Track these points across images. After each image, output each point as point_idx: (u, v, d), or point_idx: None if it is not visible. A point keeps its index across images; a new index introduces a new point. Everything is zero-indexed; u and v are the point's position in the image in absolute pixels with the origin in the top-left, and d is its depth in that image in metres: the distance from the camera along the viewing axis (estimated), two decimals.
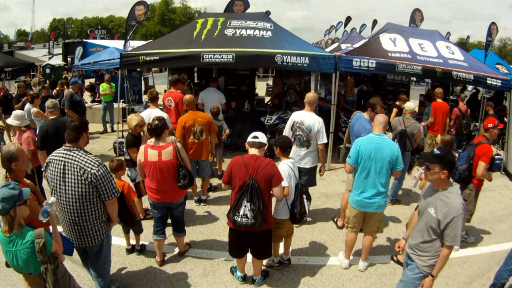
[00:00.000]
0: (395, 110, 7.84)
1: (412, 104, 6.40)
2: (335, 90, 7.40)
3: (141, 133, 5.09)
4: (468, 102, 12.28)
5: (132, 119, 4.95)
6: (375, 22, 20.92)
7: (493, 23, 10.87)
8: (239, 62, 7.21)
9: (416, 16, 10.05)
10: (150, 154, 3.95)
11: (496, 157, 8.72)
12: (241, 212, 3.43)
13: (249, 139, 3.64)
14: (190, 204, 5.86)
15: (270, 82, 18.28)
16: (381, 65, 7.27)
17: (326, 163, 7.75)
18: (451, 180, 2.92)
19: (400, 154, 3.96)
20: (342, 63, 7.19)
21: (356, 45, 8.43)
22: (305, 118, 4.99)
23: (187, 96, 5.73)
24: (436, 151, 2.87)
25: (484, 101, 9.97)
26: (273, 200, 3.78)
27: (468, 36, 25.77)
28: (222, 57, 7.10)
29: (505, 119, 9.18)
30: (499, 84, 7.77)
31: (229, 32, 7.82)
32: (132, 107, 11.32)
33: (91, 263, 3.44)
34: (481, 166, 4.46)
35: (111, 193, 3.12)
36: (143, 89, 15.19)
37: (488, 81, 7.66)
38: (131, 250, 4.53)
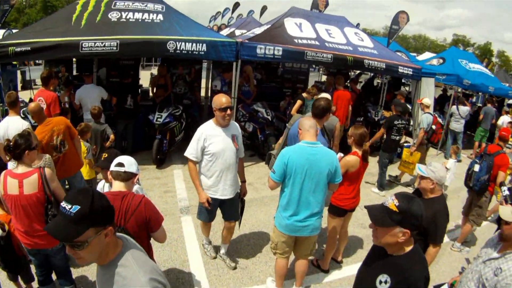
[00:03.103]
0: (299, 102, 7.11)
1: (328, 96, 5.85)
2: (235, 81, 6.59)
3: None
4: (364, 87, 12.47)
5: None
6: (264, 8, 20.09)
7: (403, 12, 10.54)
8: (124, 50, 6.01)
9: (320, 1, 9.55)
10: (9, 184, 2.80)
11: (405, 145, 8.95)
12: None
13: (112, 167, 2.53)
14: None
15: (155, 71, 16.57)
16: (289, 53, 6.64)
17: None
18: None
19: (339, 164, 3.24)
20: (244, 51, 6.37)
21: (258, 31, 7.70)
22: None
23: (32, 105, 4.43)
24: None
25: (384, 87, 10.10)
26: None
27: (358, 24, 26.94)
28: (104, 45, 5.91)
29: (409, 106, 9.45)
30: (411, 73, 7.77)
31: (113, 16, 6.50)
32: (7, 108, 9.14)
33: None
34: (501, 176, 4.76)
35: None
36: (19, 84, 12.81)
37: (399, 70, 7.60)
38: None
